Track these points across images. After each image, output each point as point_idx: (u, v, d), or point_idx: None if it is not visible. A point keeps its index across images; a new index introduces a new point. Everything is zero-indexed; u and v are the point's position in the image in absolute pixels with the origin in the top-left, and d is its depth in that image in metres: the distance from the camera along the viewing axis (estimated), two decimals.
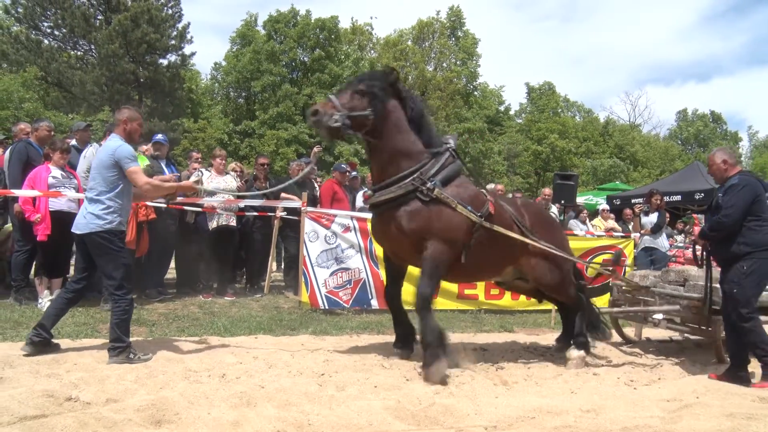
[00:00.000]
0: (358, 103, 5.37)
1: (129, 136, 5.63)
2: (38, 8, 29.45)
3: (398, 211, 5.45)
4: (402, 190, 5.43)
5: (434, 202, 5.42)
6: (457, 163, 5.77)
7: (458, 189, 5.64)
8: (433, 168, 5.54)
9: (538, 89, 49.08)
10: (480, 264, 5.86)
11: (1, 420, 3.64)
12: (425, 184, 5.40)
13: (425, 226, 5.40)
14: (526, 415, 4.27)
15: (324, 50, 35.46)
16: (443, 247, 5.45)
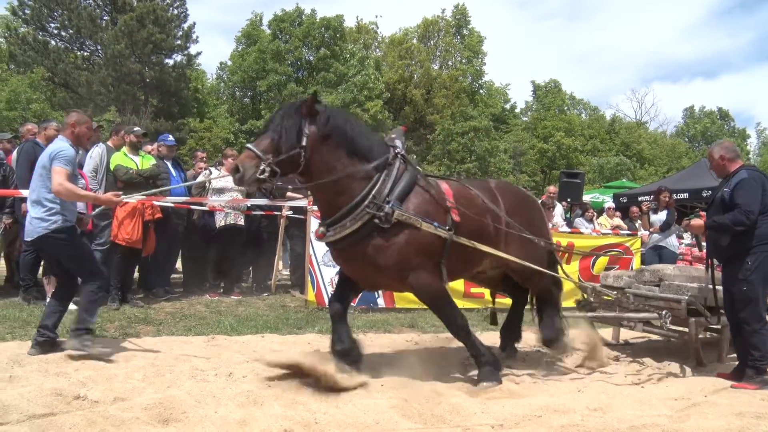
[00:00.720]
0: (284, 144, 4.70)
1: (77, 139, 5.57)
2: (45, 9, 29.60)
3: (361, 248, 4.84)
4: (358, 222, 4.78)
5: (397, 226, 4.79)
6: (410, 169, 5.12)
7: (418, 202, 5.01)
8: (386, 186, 4.88)
9: (543, 87, 48.92)
10: (457, 266, 5.32)
11: (11, 418, 3.68)
12: (382, 209, 4.76)
13: (398, 259, 4.83)
14: (532, 413, 4.27)
15: (329, 49, 35.45)
16: (426, 273, 4.97)
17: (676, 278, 6.33)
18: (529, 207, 6.12)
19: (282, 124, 4.75)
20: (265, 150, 4.69)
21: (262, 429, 3.73)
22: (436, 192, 5.19)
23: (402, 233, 4.81)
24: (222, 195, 9.07)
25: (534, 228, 5.82)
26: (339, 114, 5.07)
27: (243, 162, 4.68)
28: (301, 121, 4.76)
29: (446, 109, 37.10)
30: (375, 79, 34.44)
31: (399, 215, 4.77)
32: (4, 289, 8.41)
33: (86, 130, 5.62)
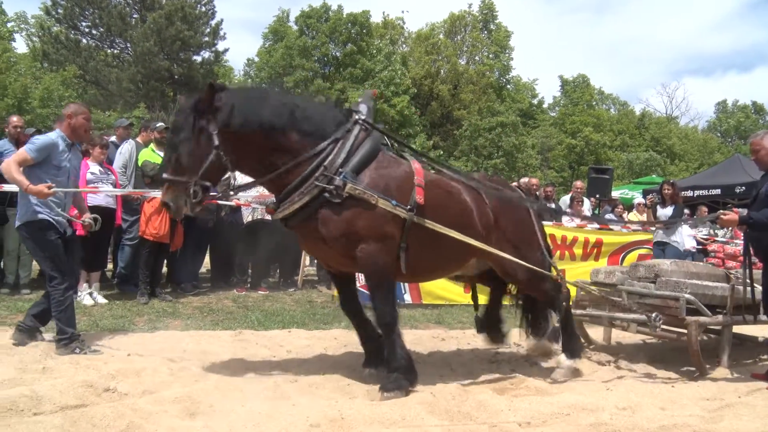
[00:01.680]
0: (196, 156, 4.22)
1: (74, 131, 5.47)
2: (77, 8, 30.06)
3: (311, 223, 4.42)
4: (307, 196, 4.32)
5: (350, 200, 4.32)
6: (372, 137, 4.58)
7: (379, 174, 4.50)
8: (339, 156, 4.38)
9: (572, 82, 48.40)
10: (430, 260, 4.85)
11: (44, 408, 3.75)
12: (332, 181, 4.29)
13: (346, 230, 4.37)
14: (560, 411, 4.21)
15: (356, 45, 35.47)
16: (374, 248, 4.43)
17: (673, 274, 5.87)
18: (517, 206, 5.47)
19: (185, 135, 4.24)
20: (183, 172, 4.23)
21: (288, 423, 3.73)
22: (402, 166, 4.70)
23: (354, 207, 4.34)
24: (248, 191, 9.10)
25: (524, 229, 5.35)
26: (251, 95, 4.53)
27: (167, 197, 4.27)
28: (204, 121, 4.23)
29: (473, 105, 36.90)
30: (402, 74, 34.37)
31: (351, 189, 4.28)
32: (38, 282, 8.55)
33: (83, 121, 5.49)
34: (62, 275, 5.25)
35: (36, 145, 5.22)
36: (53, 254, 5.26)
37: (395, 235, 4.51)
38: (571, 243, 9.73)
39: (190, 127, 4.23)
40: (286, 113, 4.42)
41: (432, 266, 5.02)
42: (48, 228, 5.25)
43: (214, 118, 4.24)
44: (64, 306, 5.25)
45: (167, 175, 4.28)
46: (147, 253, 7.94)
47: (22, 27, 37.95)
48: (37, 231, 5.25)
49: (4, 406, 3.68)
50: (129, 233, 8.19)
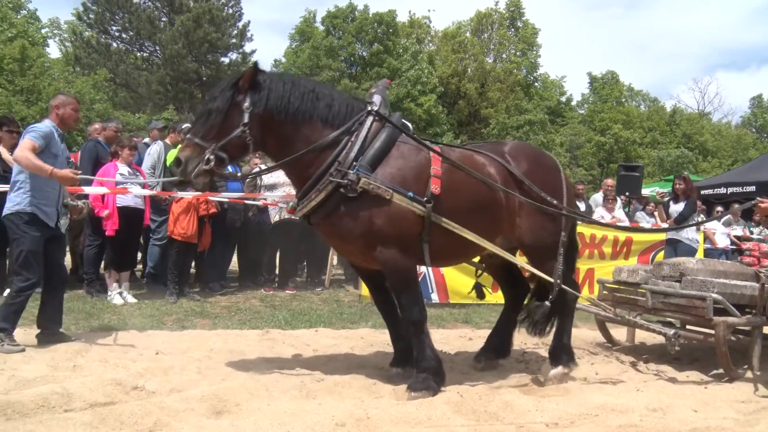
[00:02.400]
0: (224, 126, 4.31)
1: (62, 121, 5.51)
2: (107, 13, 30.56)
3: (330, 221, 4.41)
4: (323, 192, 4.29)
5: (366, 195, 4.26)
6: (386, 130, 4.48)
7: (394, 168, 4.41)
8: (352, 150, 4.34)
9: (600, 79, 47.79)
10: (454, 247, 4.68)
11: (74, 405, 3.81)
12: (346, 176, 4.25)
13: (364, 228, 4.32)
14: (589, 412, 4.14)
15: (382, 44, 35.49)
16: (393, 248, 4.37)
17: (699, 273, 5.61)
18: (547, 170, 5.18)
19: (220, 105, 4.34)
20: (206, 136, 4.31)
21: (314, 422, 3.72)
22: (419, 157, 4.55)
23: (371, 203, 4.28)
24: (275, 190, 9.16)
25: (553, 194, 4.95)
26: (284, 80, 4.51)
27: (183, 154, 4.33)
28: (240, 98, 4.34)
29: (501, 103, 36.70)
30: (428, 73, 34.34)
31: (365, 183, 4.22)
32: (69, 282, 8.70)
33: (71, 112, 5.52)
34: (29, 274, 5.24)
35: (39, 132, 5.24)
36: (29, 251, 5.24)
37: (415, 233, 4.44)
38: (600, 241, 9.60)
39: (225, 99, 4.34)
40: (313, 103, 4.45)
41: (456, 252, 4.86)
42: (34, 223, 5.26)
43: (250, 96, 4.33)
44: (14, 302, 5.25)
45: (191, 134, 4.42)
46: (175, 252, 8.03)
47: (55, 32, 38.97)
48: (23, 223, 5.24)
49: (37, 403, 3.75)
50: (157, 233, 8.31)
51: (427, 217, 4.37)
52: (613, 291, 6.39)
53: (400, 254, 4.40)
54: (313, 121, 4.43)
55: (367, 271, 5.03)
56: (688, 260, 6.08)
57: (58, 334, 5.51)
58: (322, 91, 4.57)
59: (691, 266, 5.75)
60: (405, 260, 4.45)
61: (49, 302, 5.54)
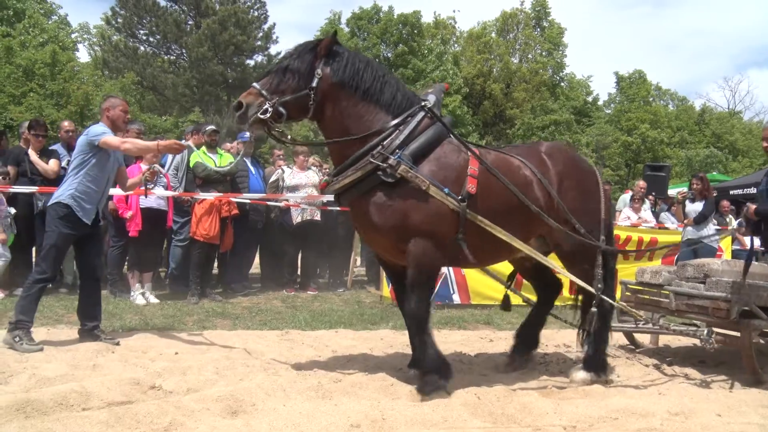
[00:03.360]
0: (291, 84, 4.40)
1: (113, 124, 5.64)
2: (135, 17, 30.99)
3: (363, 203, 4.39)
4: (360, 171, 4.30)
5: (402, 184, 4.25)
6: (436, 127, 4.51)
7: (437, 163, 4.42)
8: (398, 138, 4.35)
9: (627, 78, 47.20)
10: (491, 245, 4.62)
11: (92, 404, 3.85)
12: (386, 160, 4.25)
13: (398, 219, 4.29)
14: (608, 415, 4.07)
15: (407, 45, 35.50)
16: (426, 244, 4.33)
17: (724, 274, 5.40)
18: (583, 173, 5.15)
19: (293, 63, 4.42)
20: (271, 89, 4.39)
21: (329, 423, 3.71)
22: (459, 158, 4.54)
23: (407, 191, 4.26)
24: (297, 192, 9.19)
25: (588, 198, 4.97)
26: (360, 59, 4.57)
27: (245, 99, 4.41)
28: (315, 62, 4.41)
29: (526, 103, 36.47)
30: (453, 74, 34.26)
31: (404, 170, 4.21)
32: None
33: (120, 113, 5.68)
34: (46, 267, 5.36)
35: (98, 131, 5.43)
36: (54, 245, 5.36)
37: (450, 230, 4.40)
38: (624, 242, 9.46)
39: (302, 59, 4.43)
40: (381, 87, 4.50)
41: (494, 250, 4.78)
42: (69, 219, 5.37)
43: (325, 63, 4.41)
44: (29, 293, 5.32)
45: (258, 83, 4.46)
46: (197, 253, 8.10)
47: (84, 37, 39.73)
48: (58, 217, 5.36)
49: (56, 401, 3.80)
50: (180, 234, 8.38)
51: (462, 214, 4.34)
52: (635, 292, 6.25)
53: (433, 250, 4.36)
54: (374, 103, 4.48)
55: (394, 267, 4.94)
56: (713, 261, 5.89)
57: (96, 331, 5.63)
58: (391, 79, 4.63)
59: (716, 267, 5.57)
60: (435, 256, 4.40)
61: (85, 299, 5.68)
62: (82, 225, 5.44)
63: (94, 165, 5.44)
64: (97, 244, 5.85)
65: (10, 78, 23.94)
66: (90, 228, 5.55)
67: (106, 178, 5.59)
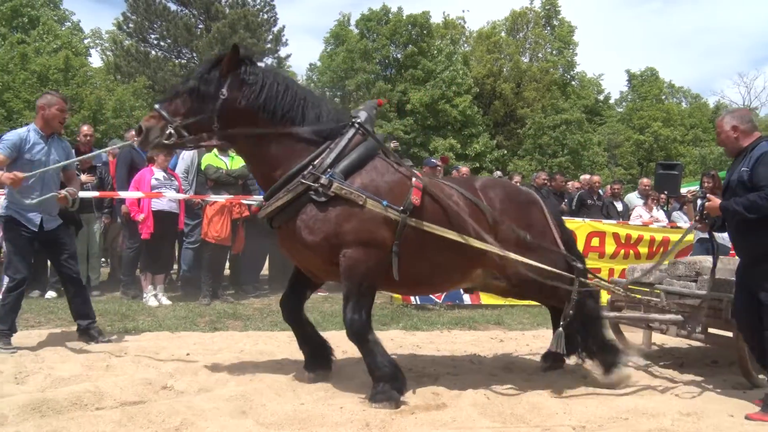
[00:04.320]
0: (193, 106, 4.23)
1: (47, 123, 5.37)
2: (146, 22, 31.20)
3: (294, 223, 4.24)
4: (291, 193, 4.17)
5: (336, 200, 4.15)
6: (367, 143, 4.40)
7: (370, 177, 4.32)
8: (329, 156, 4.25)
9: (639, 76, 46.90)
10: (427, 268, 4.54)
11: (105, 404, 3.93)
12: (319, 179, 4.14)
13: (330, 233, 4.17)
14: (618, 415, 4.08)
15: (416, 46, 35.43)
16: (360, 254, 4.20)
17: (717, 272, 5.18)
18: (525, 206, 4.98)
19: (195, 83, 4.26)
20: (174, 111, 4.23)
21: (338, 423, 3.76)
22: (395, 176, 4.43)
23: (341, 208, 4.16)
24: None
25: (533, 231, 4.76)
26: (278, 81, 4.36)
27: (146, 123, 4.27)
28: (218, 81, 4.22)
29: (537, 103, 36.28)
30: (463, 74, 34.15)
31: (338, 188, 4.11)
32: (107, 284, 8.93)
33: (57, 112, 5.38)
34: (15, 273, 5.31)
35: (4, 143, 5.21)
36: (15, 250, 5.34)
37: (385, 241, 4.27)
38: (636, 241, 9.44)
39: (203, 80, 4.27)
40: (295, 105, 4.33)
41: (430, 275, 4.67)
42: (15, 223, 5.29)
43: (231, 84, 4.22)
44: (5, 303, 5.29)
45: (158, 104, 4.34)
46: (209, 255, 8.15)
47: (97, 42, 40.00)
48: (6, 226, 5.40)
49: (70, 401, 3.88)
50: (191, 236, 8.44)
51: (401, 224, 4.23)
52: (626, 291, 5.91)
53: (365, 259, 4.23)
54: (298, 125, 4.33)
55: (302, 277, 4.89)
56: (706, 259, 5.66)
57: (91, 331, 5.63)
58: (314, 99, 4.48)
59: (708, 265, 5.32)
60: (367, 265, 4.26)
61: (72, 300, 5.67)
62: (31, 230, 5.32)
63: (18, 170, 5.16)
64: (64, 246, 5.63)
65: (25, 84, 24.24)
66: (46, 233, 5.42)
67: (39, 183, 5.28)
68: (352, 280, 4.29)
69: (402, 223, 4.23)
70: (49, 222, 5.42)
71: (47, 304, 7.23)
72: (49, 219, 5.44)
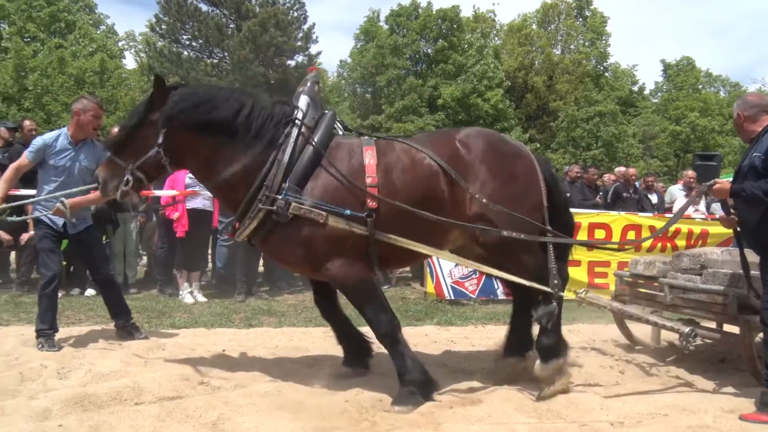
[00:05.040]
0: (140, 146, 4.19)
1: (81, 128, 5.36)
2: (178, 23, 31.59)
3: (268, 242, 4.21)
4: (255, 220, 4.05)
5: (299, 219, 4.00)
6: (315, 140, 4.17)
7: (324, 185, 4.09)
8: (279, 170, 4.04)
9: (675, 65, 45.98)
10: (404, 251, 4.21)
11: (144, 399, 4.00)
12: (275, 202, 3.98)
13: (306, 252, 4.09)
14: (657, 411, 4.01)
15: (447, 41, 35.26)
16: (340, 267, 4.11)
17: (724, 265, 4.91)
18: (509, 157, 4.48)
19: (135, 123, 4.25)
20: (124, 156, 4.23)
21: (373, 418, 3.76)
22: (351, 167, 4.18)
23: (306, 226, 4.02)
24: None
25: (514, 183, 4.36)
26: (208, 98, 4.21)
27: (102, 173, 4.32)
28: (154, 116, 4.18)
29: (569, 95, 35.85)
30: (494, 68, 33.91)
31: (296, 208, 3.96)
32: (144, 282, 9.08)
33: (91, 118, 5.36)
34: (46, 270, 5.35)
35: (31, 147, 5.32)
36: (44, 248, 5.37)
37: (360, 242, 4.10)
38: (673, 235, 9.24)
39: (140, 117, 4.26)
40: (232, 116, 4.18)
41: (406, 256, 4.38)
42: (43, 224, 5.35)
43: (163, 114, 4.14)
44: (41, 302, 5.31)
45: (111, 152, 4.36)
46: (243, 253, 8.22)
47: (131, 44, 40.64)
48: (36, 226, 5.48)
49: (110, 396, 3.97)
50: (225, 234, 8.53)
51: (370, 232, 4.06)
52: (631, 285, 5.77)
53: (348, 269, 4.13)
54: (240, 140, 4.17)
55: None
56: (712, 251, 5.34)
57: (127, 328, 5.71)
58: (251, 106, 4.26)
59: (715, 258, 5.06)
60: (355, 273, 4.15)
61: (106, 300, 5.78)
62: (56, 229, 5.38)
63: (47, 175, 5.31)
64: (92, 248, 5.69)
65: (63, 87, 24.81)
66: (75, 235, 5.48)
67: (65, 187, 5.26)
68: (347, 293, 4.28)
69: (371, 232, 4.05)
70: (72, 227, 5.45)
71: (87, 302, 7.39)
72: (73, 224, 5.44)
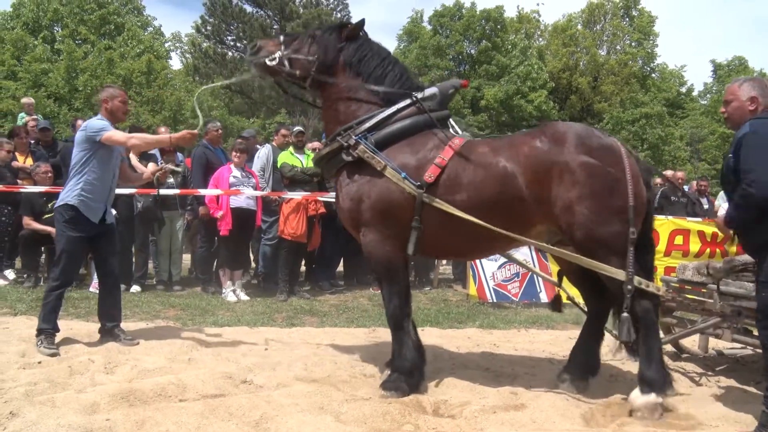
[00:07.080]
0: (304, 48, 4.70)
1: (112, 115, 5.36)
2: (223, 24, 32.08)
3: (336, 181, 4.63)
4: (329, 147, 4.53)
5: (363, 165, 4.29)
6: (416, 117, 4.41)
7: (402, 150, 4.31)
8: (371, 120, 4.40)
9: (726, 66, 44.73)
10: (457, 238, 4.25)
11: (188, 396, 4.03)
12: (349, 138, 4.36)
13: (354, 202, 4.34)
14: (708, 423, 3.86)
15: (490, 41, 35.10)
16: (374, 235, 4.31)
17: None
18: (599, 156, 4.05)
19: (317, 33, 4.78)
20: (289, 44, 4.75)
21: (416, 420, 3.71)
22: (431, 147, 4.33)
23: (366, 174, 4.30)
24: None
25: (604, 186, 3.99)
26: (371, 46, 4.71)
27: (263, 43, 4.85)
28: (335, 39, 4.67)
29: (615, 97, 35.29)
30: (538, 68, 33.58)
31: (362, 150, 4.28)
32: (188, 280, 9.21)
33: (120, 104, 5.40)
34: (60, 273, 5.20)
35: (99, 126, 5.18)
36: (66, 249, 5.19)
37: (403, 216, 4.21)
38: (723, 239, 8.96)
39: (327, 32, 4.74)
40: (380, 72, 4.62)
41: (461, 244, 4.38)
42: (76, 221, 5.17)
43: (345, 44, 4.66)
44: (47, 302, 5.17)
45: (283, 36, 4.89)
46: (285, 252, 8.27)
47: (177, 46, 41.48)
48: (64, 221, 5.17)
49: (155, 392, 4.00)
50: (268, 233, 8.60)
51: (419, 200, 4.14)
52: (679, 292, 5.26)
53: (379, 246, 4.35)
54: (368, 90, 4.59)
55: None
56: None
57: (116, 330, 5.46)
58: (395, 68, 4.70)
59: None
60: (383, 253, 4.35)
61: (103, 299, 5.54)
62: (91, 225, 5.25)
63: (96, 162, 5.20)
64: (109, 243, 5.57)
65: None
66: (100, 227, 5.34)
67: (111, 174, 5.35)
68: (371, 260, 4.51)
69: (419, 196, 4.14)
70: (110, 215, 5.49)
71: (132, 298, 7.52)
72: (110, 212, 5.49)
